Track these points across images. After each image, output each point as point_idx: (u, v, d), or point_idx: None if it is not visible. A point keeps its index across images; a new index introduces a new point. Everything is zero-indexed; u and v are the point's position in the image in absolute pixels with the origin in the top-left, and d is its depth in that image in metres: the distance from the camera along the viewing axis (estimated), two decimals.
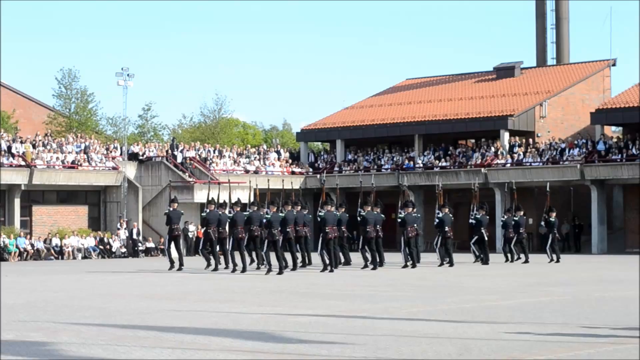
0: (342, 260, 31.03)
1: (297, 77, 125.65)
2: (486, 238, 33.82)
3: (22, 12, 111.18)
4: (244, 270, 27.86)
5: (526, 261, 33.79)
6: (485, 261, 32.92)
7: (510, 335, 12.00)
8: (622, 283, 22.62)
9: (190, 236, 45.70)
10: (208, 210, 30.05)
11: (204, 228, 30.15)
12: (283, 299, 18.09)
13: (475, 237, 33.69)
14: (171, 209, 30.62)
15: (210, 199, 30.46)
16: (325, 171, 50.23)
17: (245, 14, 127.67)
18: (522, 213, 35.27)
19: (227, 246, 29.17)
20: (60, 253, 42.67)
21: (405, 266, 30.36)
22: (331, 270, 27.99)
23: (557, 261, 34.20)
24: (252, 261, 29.21)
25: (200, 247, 30.91)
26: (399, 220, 31.22)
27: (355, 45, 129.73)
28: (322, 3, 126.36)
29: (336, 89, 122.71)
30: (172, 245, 30.98)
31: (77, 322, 13.84)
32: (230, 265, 28.65)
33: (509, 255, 34.67)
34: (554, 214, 35.43)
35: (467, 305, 16.52)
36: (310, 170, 54.08)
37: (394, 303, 16.99)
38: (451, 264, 31.53)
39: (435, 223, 33.15)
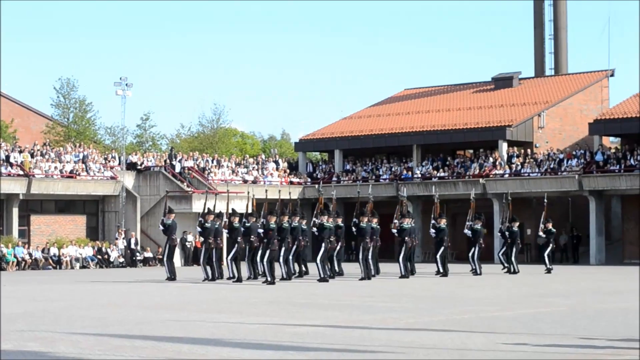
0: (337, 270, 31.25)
1: (295, 87, 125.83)
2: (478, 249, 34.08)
3: (20, 21, 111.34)
4: (239, 280, 28.01)
5: (515, 272, 33.86)
6: (478, 272, 33.16)
7: (508, 346, 11.99)
8: (621, 294, 22.62)
9: (188, 246, 45.65)
10: (209, 221, 29.83)
11: (203, 239, 30.03)
12: (281, 310, 18.08)
13: (476, 248, 33.70)
14: (169, 220, 30.57)
15: (207, 209, 30.39)
16: (322, 181, 50.20)
17: (244, 23, 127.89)
18: (517, 224, 35.26)
19: (229, 257, 29.05)
20: (58, 262, 42.60)
21: (404, 276, 30.40)
22: (326, 280, 28.13)
23: (548, 272, 34.32)
24: (252, 273, 29.31)
25: (202, 259, 30.41)
26: (399, 230, 31.18)
27: (353, 55, 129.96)
28: (321, 13, 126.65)
29: (334, 99, 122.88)
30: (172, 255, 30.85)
31: (75, 331, 13.82)
32: (236, 274, 28.59)
33: (510, 265, 34.76)
34: (550, 225, 35.47)
35: (465, 316, 16.51)
36: (309, 180, 54.09)
37: (392, 314, 16.99)
38: (444, 274, 32.11)
39: (433, 234, 33.37)
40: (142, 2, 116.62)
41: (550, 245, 35.51)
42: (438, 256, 32.54)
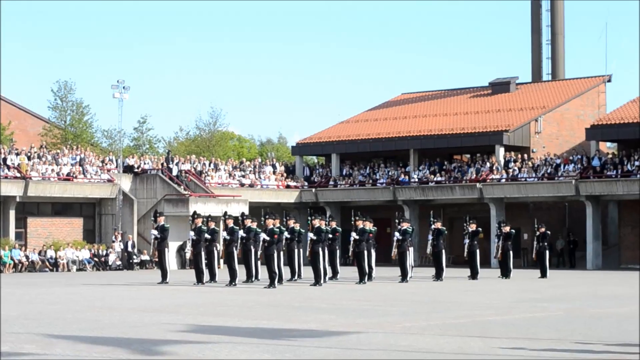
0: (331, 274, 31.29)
1: (292, 91, 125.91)
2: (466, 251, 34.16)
3: (18, 24, 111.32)
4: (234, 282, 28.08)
5: (507, 276, 33.92)
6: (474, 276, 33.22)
7: (504, 351, 12.00)
8: (617, 299, 22.64)
9: (186, 251, 45.49)
10: (200, 224, 29.66)
11: (197, 242, 29.87)
12: (277, 313, 18.07)
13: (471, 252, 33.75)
14: (163, 223, 30.54)
15: (196, 213, 30.36)
16: (319, 185, 50.24)
17: (242, 27, 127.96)
18: (508, 228, 35.17)
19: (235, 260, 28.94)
20: (55, 265, 42.55)
21: (405, 280, 30.43)
22: (320, 284, 28.15)
23: (542, 276, 34.47)
24: (251, 276, 29.32)
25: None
26: (407, 233, 31.12)
27: (351, 59, 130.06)
28: (319, 17, 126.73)
29: (332, 103, 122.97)
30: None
31: (71, 334, 13.82)
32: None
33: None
34: (542, 229, 35.54)
35: (461, 320, 16.52)
36: (306, 184, 54.08)
37: (388, 318, 16.98)
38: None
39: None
40: (140, 6, 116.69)
41: (547, 250, 35.59)
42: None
